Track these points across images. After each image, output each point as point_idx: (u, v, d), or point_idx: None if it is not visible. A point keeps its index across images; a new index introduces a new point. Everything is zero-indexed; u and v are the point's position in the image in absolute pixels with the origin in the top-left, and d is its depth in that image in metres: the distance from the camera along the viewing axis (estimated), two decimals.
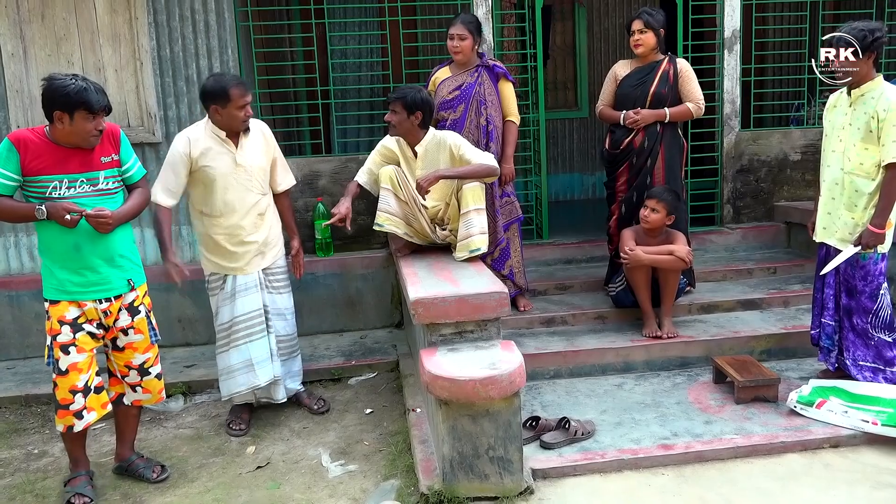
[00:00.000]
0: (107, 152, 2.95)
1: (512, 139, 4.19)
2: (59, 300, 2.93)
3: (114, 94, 4.56)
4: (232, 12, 4.63)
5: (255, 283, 3.58)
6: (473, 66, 4.10)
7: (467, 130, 4.05)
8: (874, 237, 3.28)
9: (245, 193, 3.48)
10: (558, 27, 7.17)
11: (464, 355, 2.88)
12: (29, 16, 4.41)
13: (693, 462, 3.02)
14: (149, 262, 4.72)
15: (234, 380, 3.59)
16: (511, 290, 4.26)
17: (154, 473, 3.20)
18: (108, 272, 2.97)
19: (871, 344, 3.44)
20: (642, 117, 4.10)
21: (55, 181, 2.83)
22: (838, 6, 6.17)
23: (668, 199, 3.90)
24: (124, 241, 3.04)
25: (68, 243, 2.88)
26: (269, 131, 3.64)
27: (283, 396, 3.73)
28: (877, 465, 2.96)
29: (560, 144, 7.26)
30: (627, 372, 3.91)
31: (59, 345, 2.93)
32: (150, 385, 3.18)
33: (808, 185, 5.29)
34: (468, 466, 2.78)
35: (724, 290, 4.52)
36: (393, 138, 3.72)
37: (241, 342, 3.57)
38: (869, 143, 3.29)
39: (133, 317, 3.07)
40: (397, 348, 4.51)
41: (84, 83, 2.79)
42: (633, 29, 4.10)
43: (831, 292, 3.56)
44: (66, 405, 2.95)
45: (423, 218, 3.63)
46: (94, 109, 2.79)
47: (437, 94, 4.12)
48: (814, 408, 3.26)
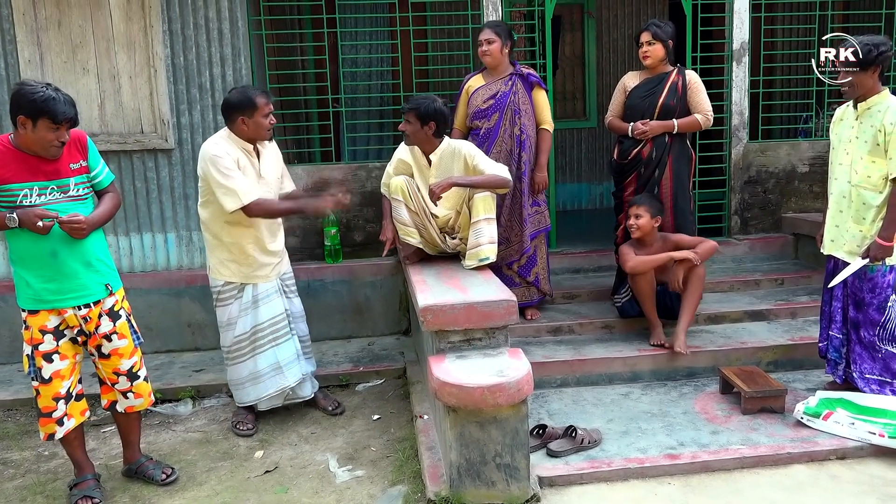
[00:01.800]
0: (75, 159, 2.92)
1: (546, 147, 4.24)
2: (38, 310, 2.92)
3: (128, 100, 4.63)
4: (245, 21, 4.69)
5: (276, 289, 3.67)
6: (507, 74, 4.13)
7: (500, 140, 4.10)
8: (882, 250, 3.29)
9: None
10: (567, 38, 7.22)
11: (472, 362, 2.90)
12: (46, 23, 4.48)
13: (699, 472, 3.03)
14: (148, 267, 4.78)
15: (262, 384, 3.65)
16: (536, 296, 4.33)
17: (163, 475, 3.22)
18: (85, 277, 2.94)
19: (879, 357, 3.44)
20: (651, 128, 4.12)
21: (25, 189, 2.79)
22: (847, 19, 6.19)
23: (645, 201, 3.92)
24: (100, 245, 3.03)
25: (44, 251, 2.85)
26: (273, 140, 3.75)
27: (309, 392, 3.85)
28: (884, 477, 2.96)
29: (568, 154, 7.29)
30: (634, 381, 3.92)
31: (42, 353, 2.93)
32: (141, 389, 3.18)
33: (815, 197, 5.30)
34: (475, 473, 2.80)
35: (731, 301, 4.53)
36: (407, 148, 3.76)
37: (266, 347, 3.63)
38: (876, 155, 3.31)
39: (115, 321, 3.06)
40: (405, 355, 4.53)
41: (54, 93, 2.73)
42: (641, 40, 4.14)
43: (839, 305, 3.56)
44: (48, 413, 2.96)
45: (433, 227, 3.67)
46: (58, 120, 2.73)
47: (472, 102, 4.14)
48: (821, 419, 3.26)
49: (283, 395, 3.74)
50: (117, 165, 4.64)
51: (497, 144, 4.10)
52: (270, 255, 3.63)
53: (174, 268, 4.84)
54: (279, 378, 3.65)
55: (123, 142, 4.61)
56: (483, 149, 3.97)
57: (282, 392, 3.71)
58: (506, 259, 4.18)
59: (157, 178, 4.74)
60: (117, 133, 4.62)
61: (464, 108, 4.23)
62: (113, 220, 3.71)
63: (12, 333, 4.69)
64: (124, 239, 4.77)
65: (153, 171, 4.72)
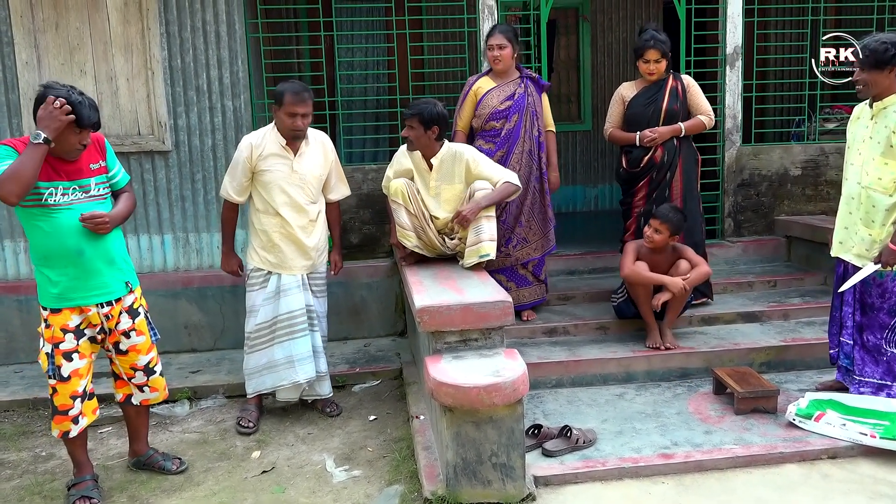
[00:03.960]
0: (94, 159, 2.98)
1: (554, 148, 4.39)
2: (62, 308, 2.95)
3: (125, 102, 4.64)
4: (242, 24, 4.71)
5: (298, 283, 3.72)
6: (518, 77, 4.19)
7: (522, 140, 4.15)
8: (894, 256, 3.20)
9: (298, 198, 3.65)
10: (562, 41, 7.27)
11: (468, 363, 2.92)
12: (43, 25, 4.50)
13: (693, 471, 3.05)
14: (144, 269, 4.79)
15: (275, 374, 3.72)
16: (544, 294, 4.43)
17: (174, 465, 3.30)
18: (108, 275, 3.00)
19: (883, 360, 3.39)
20: (659, 135, 4.18)
21: (50, 188, 2.83)
22: (839, 24, 6.25)
23: (672, 219, 3.90)
24: (120, 243, 3.10)
25: (71, 249, 2.90)
26: (330, 144, 3.84)
27: (328, 391, 3.90)
28: (874, 476, 2.99)
29: (563, 157, 7.28)
30: (629, 382, 3.95)
31: (62, 352, 2.96)
32: (157, 383, 3.25)
33: (808, 200, 5.36)
34: (471, 472, 2.82)
35: (724, 303, 4.57)
36: (405, 152, 3.79)
37: (284, 339, 3.69)
38: (889, 157, 3.22)
39: (133, 319, 3.11)
40: (401, 356, 4.55)
41: (80, 97, 2.79)
42: (648, 58, 4.15)
43: (850, 310, 3.48)
44: (64, 411, 2.99)
45: (432, 230, 3.70)
46: (84, 124, 2.79)
47: (485, 103, 4.17)
48: (812, 420, 3.29)
49: (297, 389, 3.79)
50: None
51: (519, 145, 4.15)
52: (301, 249, 3.69)
53: (171, 269, 4.85)
54: (290, 372, 3.70)
55: (121, 144, 4.62)
56: (505, 149, 4.06)
57: (294, 386, 3.75)
58: (521, 259, 4.23)
59: (154, 179, 4.75)
60: (114, 135, 4.63)
61: (471, 110, 4.24)
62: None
63: (8, 335, 4.71)
64: None
65: (150, 173, 4.74)
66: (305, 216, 3.69)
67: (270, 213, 3.66)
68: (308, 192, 3.69)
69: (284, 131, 3.61)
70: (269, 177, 3.62)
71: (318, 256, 3.81)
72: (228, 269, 3.89)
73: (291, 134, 3.60)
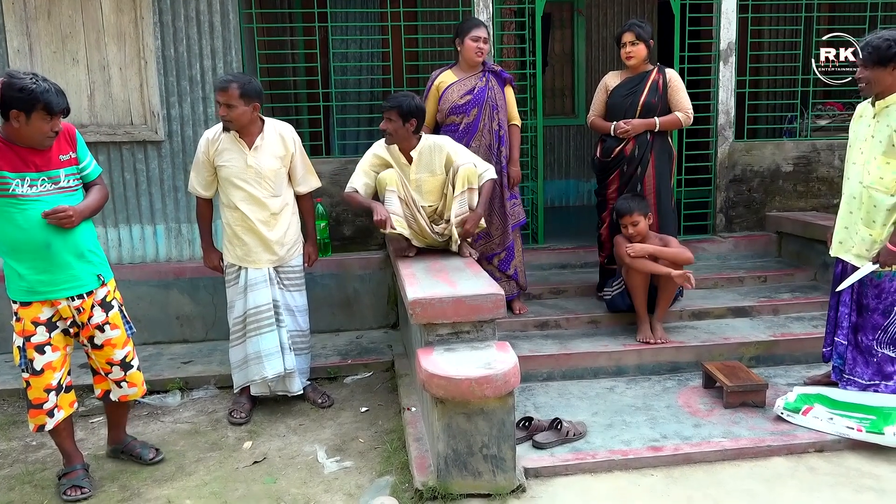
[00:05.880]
0: (64, 150, 2.94)
1: (517, 142, 4.31)
2: (31, 301, 2.93)
3: (117, 92, 4.62)
4: (237, 14, 4.69)
5: (265, 278, 3.69)
6: (480, 71, 4.16)
7: (481, 134, 4.13)
8: (893, 256, 3.19)
9: (256, 192, 3.61)
10: (557, 35, 7.27)
11: (460, 355, 2.94)
12: (35, 13, 4.46)
13: (682, 464, 3.08)
14: (137, 259, 4.78)
15: (248, 369, 3.75)
16: (514, 290, 4.36)
17: (151, 454, 3.30)
18: (78, 268, 2.96)
19: (874, 361, 3.38)
20: (633, 127, 4.17)
21: (17, 178, 2.79)
22: (833, 21, 6.27)
23: (634, 206, 3.93)
24: (90, 236, 3.06)
25: (38, 242, 2.86)
26: (290, 133, 3.72)
27: (298, 388, 3.86)
28: (860, 469, 3.03)
29: (556, 151, 7.35)
30: (619, 375, 3.98)
31: (34, 345, 2.94)
32: (134, 378, 3.22)
33: (799, 196, 5.39)
34: (462, 464, 2.84)
35: (715, 298, 4.60)
36: (382, 146, 3.77)
37: (252, 335, 3.71)
38: (891, 157, 3.18)
39: (107, 312, 3.08)
40: (393, 349, 4.57)
41: (45, 84, 2.75)
42: (624, 41, 4.16)
43: (846, 311, 3.46)
44: (39, 404, 2.98)
45: (423, 217, 3.70)
46: (54, 111, 2.76)
47: (446, 98, 4.15)
48: (800, 414, 3.32)
49: (265, 384, 3.78)
50: (107, 157, 4.64)
51: (476, 139, 4.13)
52: (264, 242, 3.66)
53: (163, 260, 4.84)
54: (259, 367, 3.70)
55: (113, 133, 4.61)
56: (462, 143, 4.00)
57: (263, 381, 3.75)
58: (486, 253, 4.22)
59: (147, 169, 4.73)
60: (107, 124, 4.61)
61: (434, 104, 4.21)
62: (102, 212, 3.74)
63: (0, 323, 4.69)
64: (113, 230, 4.77)
65: (143, 163, 4.72)
66: (266, 210, 3.63)
67: (231, 208, 3.65)
68: (267, 185, 3.62)
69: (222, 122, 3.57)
70: (226, 171, 3.59)
71: (287, 251, 3.76)
72: (209, 264, 3.87)
73: (224, 125, 3.55)
